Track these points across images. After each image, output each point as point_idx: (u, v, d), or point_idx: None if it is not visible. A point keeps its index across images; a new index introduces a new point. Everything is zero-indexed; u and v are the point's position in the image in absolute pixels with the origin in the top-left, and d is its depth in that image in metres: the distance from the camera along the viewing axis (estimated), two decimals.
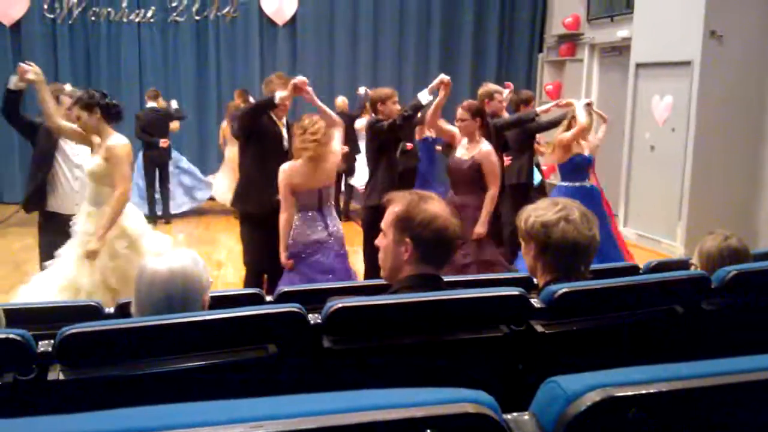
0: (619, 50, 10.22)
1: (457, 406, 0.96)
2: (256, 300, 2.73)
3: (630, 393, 1.02)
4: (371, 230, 4.65)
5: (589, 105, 6.22)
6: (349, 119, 9.67)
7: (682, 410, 1.08)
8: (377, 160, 5.42)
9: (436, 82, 5.13)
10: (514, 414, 1.05)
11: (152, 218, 9.56)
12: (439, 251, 2.26)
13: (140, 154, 9.91)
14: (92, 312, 2.58)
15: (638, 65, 8.81)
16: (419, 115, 5.77)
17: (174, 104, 10.09)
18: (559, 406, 1.01)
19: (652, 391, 1.03)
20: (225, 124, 10.10)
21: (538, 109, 6.68)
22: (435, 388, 1.00)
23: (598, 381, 1.02)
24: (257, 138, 4.87)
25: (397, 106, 5.50)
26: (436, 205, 2.25)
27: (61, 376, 1.74)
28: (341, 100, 10.08)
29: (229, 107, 10.00)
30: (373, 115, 5.55)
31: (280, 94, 4.62)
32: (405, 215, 2.25)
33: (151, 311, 2.06)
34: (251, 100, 9.64)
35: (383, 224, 2.34)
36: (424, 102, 5.19)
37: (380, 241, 2.34)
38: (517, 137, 6.61)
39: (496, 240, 5.96)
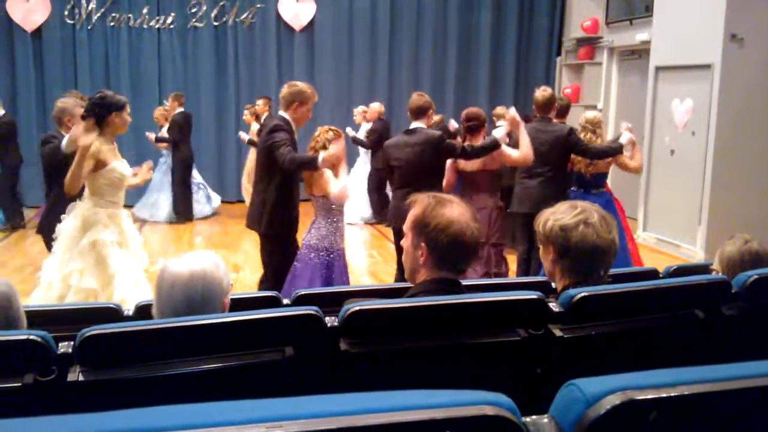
0: (639, 53, 10.16)
1: (476, 408, 0.95)
2: (273, 303, 2.74)
3: (651, 396, 1.01)
4: None
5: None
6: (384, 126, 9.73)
7: (703, 414, 1.06)
8: (439, 179, 5.25)
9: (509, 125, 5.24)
10: (534, 417, 1.05)
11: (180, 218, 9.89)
12: (455, 256, 2.23)
13: (168, 157, 10.01)
14: (112, 314, 2.59)
15: (658, 68, 8.75)
16: None
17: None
18: (578, 409, 1.00)
19: (673, 394, 1.02)
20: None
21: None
22: (454, 390, 1.00)
23: (619, 384, 1.01)
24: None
25: None
26: (454, 210, 2.21)
27: (81, 378, 1.75)
28: (378, 105, 10.11)
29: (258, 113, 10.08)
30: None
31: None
32: (421, 220, 2.23)
33: (171, 313, 2.07)
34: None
35: (404, 226, 2.33)
36: (500, 139, 5.18)
37: (404, 243, 2.34)
38: None
39: None
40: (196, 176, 10.46)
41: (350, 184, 6.50)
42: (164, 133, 9.97)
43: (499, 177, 5.64)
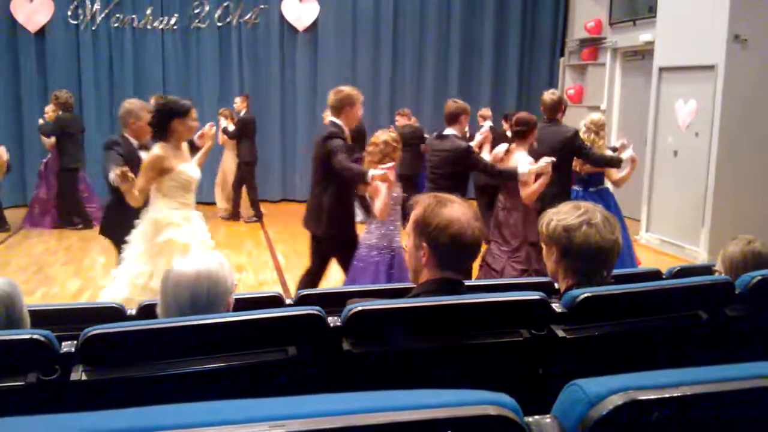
0: (642, 54, 10.16)
1: (478, 408, 0.95)
2: (276, 302, 2.74)
3: (653, 396, 1.01)
4: None
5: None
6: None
7: (706, 414, 1.06)
8: (461, 183, 5.38)
9: (542, 166, 5.09)
10: (536, 417, 1.05)
11: None
12: (456, 256, 2.23)
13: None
14: (115, 313, 2.60)
15: (661, 69, 8.74)
16: None
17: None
18: (581, 409, 1.00)
19: (676, 394, 1.02)
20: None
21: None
22: (457, 390, 1.00)
23: (621, 384, 1.01)
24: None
25: None
26: (455, 210, 2.21)
27: (84, 377, 1.75)
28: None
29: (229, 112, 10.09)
30: (451, 131, 5.41)
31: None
32: (421, 220, 2.23)
33: (176, 312, 2.08)
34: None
35: (407, 228, 2.34)
36: (520, 174, 5.13)
37: (407, 244, 2.34)
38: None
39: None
40: None
41: None
42: None
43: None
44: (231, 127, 9.92)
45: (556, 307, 2.16)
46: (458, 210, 2.21)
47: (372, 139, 4.98)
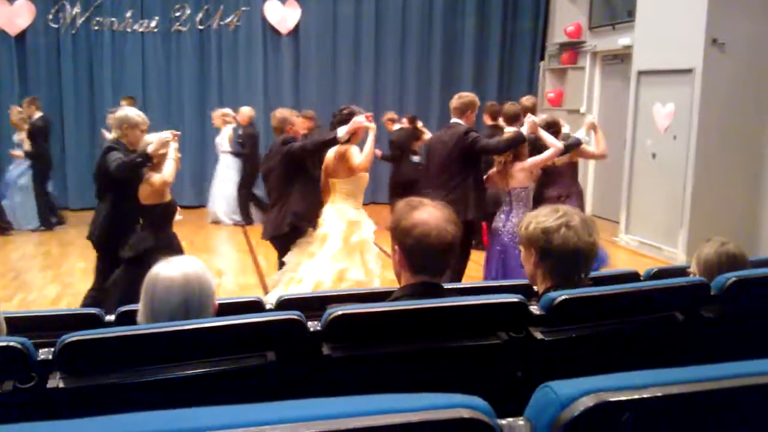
0: (621, 58, 10.25)
1: (451, 411, 0.96)
2: (255, 308, 2.74)
3: (623, 398, 1.03)
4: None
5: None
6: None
7: (675, 415, 1.08)
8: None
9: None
10: (509, 419, 1.06)
11: None
12: (424, 259, 2.22)
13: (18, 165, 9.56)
14: (93, 320, 2.59)
15: (640, 73, 8.82)
16: None
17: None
18: (552, 411, 1.02)
19: (645, 396, 1.03)
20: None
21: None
22: (430, 393, 1.01)
23: (592, 386, 1.03)
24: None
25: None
26: (425, 212, 2.21)
27: (61, 384, 1.75)
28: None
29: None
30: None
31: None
32: (393, 223, 2.26)
33: (166, 317, 2.04)
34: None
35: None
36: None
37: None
38: None
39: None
40: None
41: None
42: (23, 137, 9.31)
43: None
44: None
45: (535, 309, 2.18)
46: (427, 213, 2.21)
47: None
